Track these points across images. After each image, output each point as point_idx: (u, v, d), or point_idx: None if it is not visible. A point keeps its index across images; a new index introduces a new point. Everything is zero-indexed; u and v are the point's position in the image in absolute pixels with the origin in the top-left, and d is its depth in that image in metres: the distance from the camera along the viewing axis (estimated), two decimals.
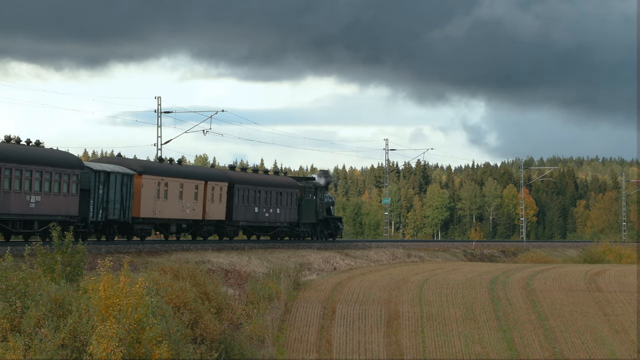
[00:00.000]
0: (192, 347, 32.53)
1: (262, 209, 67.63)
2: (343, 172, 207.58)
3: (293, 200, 71.81)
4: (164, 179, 57.37)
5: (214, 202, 61.93)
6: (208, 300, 40.54)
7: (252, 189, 66.68)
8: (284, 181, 72.35)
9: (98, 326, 26.47)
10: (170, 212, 57.69)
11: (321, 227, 76.88)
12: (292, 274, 56.10)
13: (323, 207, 76.76)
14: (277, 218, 69.94)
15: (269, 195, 68.67)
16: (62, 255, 34.00)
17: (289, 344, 44.64)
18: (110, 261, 29.85)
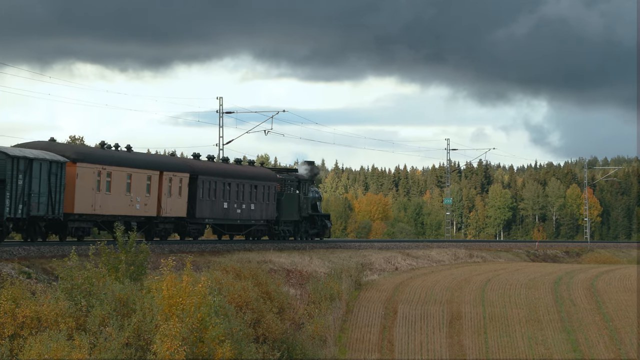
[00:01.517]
0: (254, 346, 32.62)
1: (233, 205, 58.59)
2: (404, 172, 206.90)
3: (271, 194, 62.60)
4: (105, 167, 47.91)
5: (171, 196, 52.82)
6: (270, 300, 40.63)
7: (220, 181, 57.56)
8: (260, 173, 63.18)
9: (162, 325, 26.63)
10: (114, 207, 48.53)
11: (305, 225, 67.67)
12: (353, 274, 56.03)
13: (307, 202, 67.66)
14: (251, 215, 60.67)
15: (241, 189, 59.60)
16: (126, 255, 34.31)
17: (351, 344, 44.57)
18: (173, 261, 30.04)
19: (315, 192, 69.27)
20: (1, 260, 37.76)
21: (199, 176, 55.17)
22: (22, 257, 39.83)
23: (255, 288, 40.07)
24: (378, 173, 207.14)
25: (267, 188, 61.99)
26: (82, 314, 27.88)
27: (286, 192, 64.60)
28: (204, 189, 55.65)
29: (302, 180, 67.10)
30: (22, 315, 26.55)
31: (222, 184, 57.47)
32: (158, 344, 25.95)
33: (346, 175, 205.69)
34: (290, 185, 65.63)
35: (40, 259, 39.92)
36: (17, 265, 37.40)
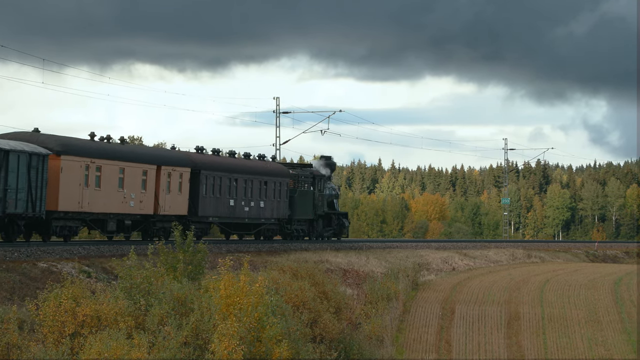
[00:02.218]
0: (311, 346, 32.65)
1: (240, 202, 54.25)
2: (461, 172, 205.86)
3: (283, 191, 58.16)
4: (94, 161, 43.61)
5: (171, 192, 48.62)
6: (327, 300, 40.65)
7: (225, 176, 53.19)
8: (271, 168, 58.31)
9: (219, 324, 26.75)
10: (105, 204, 44.42)
11: (321, 224, 63.34)
12: (410, 274, 55.86)
13: (323, 200, 63.31)
14: (260, 213, 56.34)
15: (249, 185, 55.13)
16: (184, 254, 34.54)
17: (408, 344, 44.44)
18: (230, 260, 30.16)
19: (332, 188, 65.50)
20: (62, 259, 38.25)
21: (202, 171, 51.10)
22: (82, 256, 40.31)
23: (312, 288, 40.10)
24: (435, 173, 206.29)
25: (279, 184, 57.78)
26: (141, 313, 28.09)
27: (299, 189, 60.55)
28: (207, 185, 51.56)
29: (317, 176, 63.00)
30: (82, 314, 26.84)
31: (227, 180, 53.35)
32: (216, 343, 26.07)
33: (403, 175, 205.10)
34: (304, 181, 61.45)
35: (100, 258, 40.37)
36: (77, 264, 37.86)
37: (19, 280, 33.53)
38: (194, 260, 34.73)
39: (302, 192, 60.57)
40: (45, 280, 32.33)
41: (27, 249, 38.54)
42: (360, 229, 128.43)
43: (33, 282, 33.66)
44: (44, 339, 26.05)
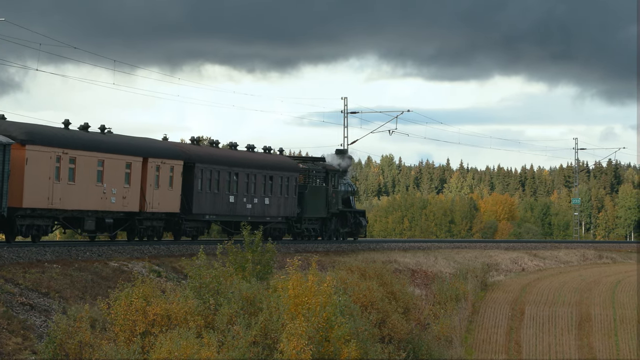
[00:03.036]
0: (379, 346, 32.59)
1: (242, 199, 49.63)
2: (531, 172, 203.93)
3: (291, 187, 53.41)
4: (67, 152, 38.74)
5: (159, 187, 43.88)
6: (395, 300, 40.55)
7: (225, 170, 48.48)
8: (277, 161, 53.81)
9: (288, 324, 26.81)
10: (80, 200, 39.58)
11: (335, 223, 58.47)
12: (479, 275, 55.51)
13: (338, 197, 58.43)
14: (265, 211, 51.72)
15: (252, 180, 50.44)
16: (253, 254, 34.72)
17: (477, 344, 44.16)
18: (298, 260, 30.23)
19: (349, 184, 60.76)
20: (132, 259, 38.71)
21: (197, 164, 46.40)
22: (153, 255, 40.74)
23: (380, 288, 40.03)
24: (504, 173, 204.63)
25: (286, 179, 53.02)
26: (210, 312, 28.27)
27: (310, 185, 55.87)
28: (203, 180, 46.83)
29: (331, 171, 58.13)
30: (152, 313, 27.08)
31: (227, 174, 48.61)
32: (284, 343, 26.14)
33: (471, 175, 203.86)
34: (316, 176, 56.65)
35: (170, 258, 40.77)
36: (147, 263, 38.29)
37: (90, 280, 34.00)
38: (263, 260, 34.89)
39: (313, 188, 56.14)
40: (116, 279, 32.73)
41: (99, 248, 39.07)
42: (428, 229, 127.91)
43: (104, 281, 34.11)
44: (115, 337, 26.35)
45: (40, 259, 34.97)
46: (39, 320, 29.11)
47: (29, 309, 29.55)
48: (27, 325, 28.33)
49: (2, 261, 33.31)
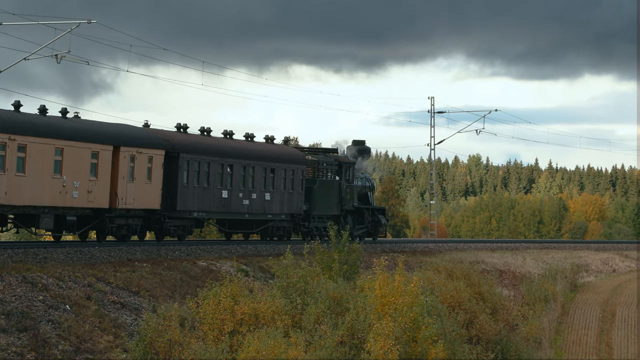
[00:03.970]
0: (467, 347, 32.38)
1: (237, 194, 44.30)
2: (622, 172, 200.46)
3: (297, 181, 47.93)
4: (14, 138, 33.33)
5: (135, 180, 38.46)
6: (483, 301, 40.24)
7: (216, 162, 43.17)
8: (280, 152, 48.04)
9: (375, 324, 26.80)
10: (33, 195, 34.32)
11: (351, 221, 52.74)
12: (568, 275, 54.80)
13: (353, 192, 52.84)
14: (266, 207, 46.32)
15: (249, 173, 45.05)
16: (339, 254, 34.77)
17: (567, 346, 43.59)
18: (385, 260, 30.20)
19: (366, 179, 55.33)
20: (220, 258, 39.10)
21: (182, 154, 40.97)
22: (240, 255, 41.11)
23: (468, 288, 39.77)
24: (594, 173, 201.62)
25: (291, 172, 47.47)
26: (297, 312, 28.40)
27: (320, 179, 50.28)
28: (189, 172, 41.49)
29: (345, 163, 52.23)
30: (240, 312, 27.29)
31: (219, 166, 43.29)
32: (371, 343, 26.12)
33: (560, 175, 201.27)
34: (327, 169, 50.90)
35: (257, 257, 41.07)
36: (235, 263, 38.64)
37: (179, 279, 34.43)
38: (349, 259, 34.93)
39: (323, 183, 50.35)
40: (204, 278, 33.09)
41: (188, 247, 39.57)
42: (516, 230, 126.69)
43: (193, 280, 34.51)
44: (204, 336, 26.64)
45: (130, 258, 35.54)
46: (130, 318, 29.58)
47: (119, 308, 30.05)
48: (118, 324, 28.81)
49: (94, 260, 33.95)
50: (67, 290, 29.43)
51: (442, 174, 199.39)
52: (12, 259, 30.87)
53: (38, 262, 31.44)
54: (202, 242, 42.50)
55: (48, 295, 28.53)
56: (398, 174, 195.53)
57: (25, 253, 31.98)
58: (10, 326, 26.19)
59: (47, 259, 32.19)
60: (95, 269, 32.27)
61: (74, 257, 33.54)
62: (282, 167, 46.96)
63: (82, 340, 27.14)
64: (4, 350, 25.15)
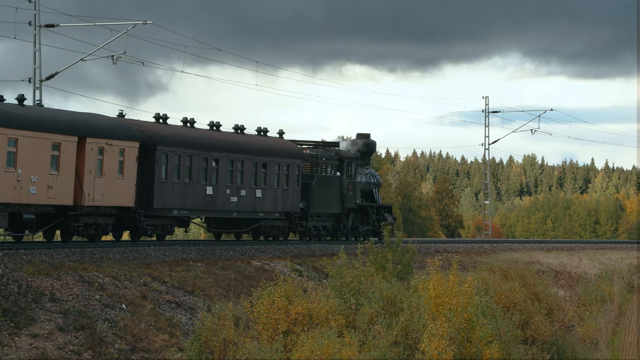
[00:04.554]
0: (522, 347, 32.16)
1: (224, 190, 40.86)
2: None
3: (292, 176, 44.68)
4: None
5: (104, 175, 34.93)
6: (538, 302, 39.94)
7: (199, 155, 39.73)
8: (274, 145, 44.65)
9: (429, 324, 26.72)
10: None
11: (353, 220, 49.96)
12: (625, 276, 54.21)
13: (355, 189, 49.89)
14: (257, 205, 42.87)
15: (237, 168, 41.63)
16: (393, 254, 34.72)
17: (624, 347, 43.11)
18: (439, 260, 30.09)
19: (371, 175, 52.28)
20: (274, 258, 39.24)
21: (159, 147, 37.57)
22: (294, 255, 41.22)
23: (523, 289, 39.48)
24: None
25: (285, 167, 44.11)
26: (351, 312, 28.40)
27: (319, 174, 47.08)
28: (168, 166, 38.09)
29: (347, 158, 49.21)
30: (294, 312, 27.36)
31: (202, 160, 39.88)
32: (426, 343, 26.05)
33: (617, 175, 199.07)
34: (327, 164, 47.80)
35: (311, 257, 41.15)
36: (289, 262, 38.75)
37: (234, 278, 34.61)
38: (403, 259, 34.86)
39: (322, 179, 47.16)
40: (258, 278, 33.22)
41: (242, 247, 39.77)
42: (572, 230, 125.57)
43: (247, 279, 34.67)
44: (258, 335, 26.74)
45: (185, 258, 35.80)
46: (185, 317, 29.79)
47: (175, 307, 30.28)
48: (174, 323, 29.03)
49: (149, 260, 34.24)
50: (123, 289, 29.73)
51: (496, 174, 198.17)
52: (69, 259, 31.26)
53: (94, 261, 31.80)
54: (257, 242, 42.63)
55: (104, 294, 28.84)
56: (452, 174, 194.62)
57: (81, 252, 32.35)
58: (68, 325, 26.51)
59: (103, 258, 32.54)
60: (151, 269, 32.55)
61: (130, 256, 33.88)
62: (276, 162, 43.61)
63: (138, 339, 27.40)
64: (61, 348, 25.48)
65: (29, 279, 27.87)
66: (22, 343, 25.33)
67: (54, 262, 30.24)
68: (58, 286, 28.16)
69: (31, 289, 27.43)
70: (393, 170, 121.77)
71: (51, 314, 26.72)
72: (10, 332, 25.61)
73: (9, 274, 27.66)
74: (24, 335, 25.63)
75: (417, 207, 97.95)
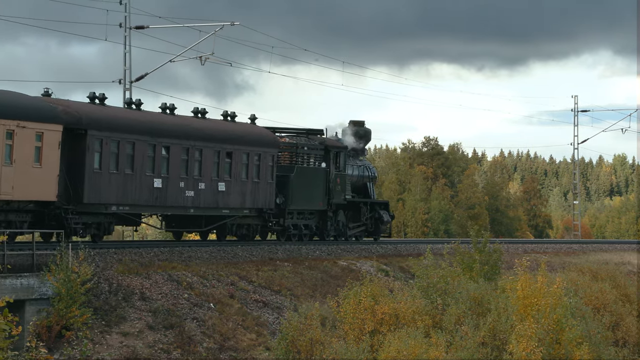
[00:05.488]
0: (613, 350, 31.66)
1: (177, 183, 34.94)
2: None
3: (265, 167, 38.71)
4: None
5: (16, 163, 29.05)
6: (629, 303, 39.27)
7: (143, 142, 33.59)
8: (241, 132, 38.61)
9: (517, 325, 26.48)
10: None
11: (343, 218, 43.80)
12: None
13: (345, 182, 43.66)
14: (220, 200, 37.03)
15: (194, 157, 35.70)
16: (480, 254, 34.47)
17: None
18: (527, 261, 29.78)
19: (365, 167, 46.45)
20: (361, 258, 39.26)
21: (90, 131, 31.64)
22: (380, 255, 41.17)
23: (614, 290, 38.85)
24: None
25: (256, 157, 38.39)
26: (437, 312, 28.29)
27: (300, 165, 41.21)
28: (103, 154, 32.13)
29: (334, 148, 43.06)
30: (381, 312, 27.36)
31: (149, 148, 33.81)
32: (514, 344, 25.82)
33: None
34: (310, 154, 41.85)
35: (397, 257, 41.07)
36: (375, 262, 38.73)
37: (320, 278, 34.71)
38: (490, 260, 34.59)
39: (304, 171, 41.37)
40: (344, 278, 33.27)
41: (328, 247, 39.86)
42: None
43: (333, 279, 34.74)
44: (344, 335, 26.79)
45: (272, 257, 36.01)
46: (272, 317, 29.99)
47: (262, 306, 30.50)
48: (261, 322, 29.25)
49: (236, 259, 34.54)
50: (211, 288, 30.04)
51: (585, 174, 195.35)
52: (158, 258, 31.68)
53: (183, 260, 32.18)
54: (343, 242, 42.68)
55: (193, 293, 29.18)
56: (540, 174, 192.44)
57: (170, 252, 32.77)
58: (157, 323, 26.89)
59: (191, 257, 32.91)
60: (238, 268, 32.82)
61: (217, 255, 34.20)
62: (244, 151, 37.80)
63: (226, 338, 27.67)
64: (151, 347, 25.85)
65: (119, 278, 28.34)
66: (113, 341, 25.77)
67: (143, 261, 30.70)
68: (147, 285, 28.58)
69: (121, 288, 27.90)
70: (480, 170, 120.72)
71: (141, 313, 27.14)
72: (102, 330, 26.09)
73: (100, 273, 28.16)
74: (114, 334, 26.08)
75: (504, 207, 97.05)
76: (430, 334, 26.32)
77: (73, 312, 25.68)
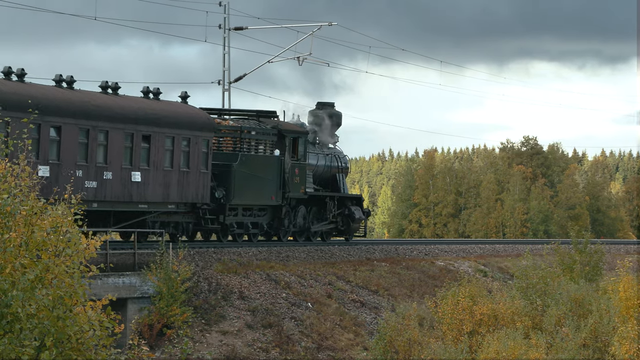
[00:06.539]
0: None
1: (71, 171, 27.85)
2: None
3: (197, 154, 32.39)
4: None
5: None
6: None
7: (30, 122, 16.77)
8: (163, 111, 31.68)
9: (619, 327, 26.02)
10: None
11: (303, 215, 37.46)
12: None
13: (305, 173, 37.43)
14: (135, 193, 30.42)
15: (97, 140, 29.12)
16: (581, 255, 33.98)
17: None
18: (630, 262, 29.23)
19: (334, 156, 40.13)
20: (459, 258, 39.03)
21: None
22: (479, 255, 40.88)
23: None
24: None
25: (185, 142, 32.07)
26: (537, 313, 27.97)
27: (245, 153, 34.77)
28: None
29: (290, 132, 36.70)
30: (479, 312, 27.16)
31: (32, 129, 25.93)
32: (616, 346, 25.38)
33: None
34: (258, 140, 35.38)
35: (495, 258, 40.72)
36: (473, 263, 38.45)
37: (417, 278, 34.60)
38: (591, 260, 34.08)
39: (250, 159, 34.96)
40: (442, 278, 33.13)
41: (425, 247, 39.75)
42: None
43: (431, 280, 34.60)
44: (443, 336, 26.66)
45: (369, 257, 36.03)
46: (369, 317, 30.00)
47: (359, 306, 30.53)
48: (358, 322, 29.28)
49: (334, 259, 34.64)
50: (309, 288, 30.18)
51: None
52: (257, 257, 31.96)
53: (281, 260, 32.40)
54: (440, 242, 42.48)
55: (291, 292, 29.35)
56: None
57: (268, 252, 33.03)
58: (256, 322, 27.13)
59: (289, 257, 33.11)
60: (336, 268, 32.91)
61: (315, 255, 34.34)
62: (167, 134, 31.50)
63: (324, 337, 27.77)
64: (250, 345, 26.10)
65: (218, 277, 28.68)
66: (212, 339, 26.09)
67: (242, 261, 31.00)
68: (246, 284, 28.85)
69: (221, 287, 28.22)
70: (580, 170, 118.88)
71: (240, 312, 27.41)
72: (202, 328, 26.44)
73: (199, 272, 28.54)
74: (214, 332, 26.40)
75: (605, 207, 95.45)
76: (529, 335, 26.02)
77: (174, 310, 26.08)
